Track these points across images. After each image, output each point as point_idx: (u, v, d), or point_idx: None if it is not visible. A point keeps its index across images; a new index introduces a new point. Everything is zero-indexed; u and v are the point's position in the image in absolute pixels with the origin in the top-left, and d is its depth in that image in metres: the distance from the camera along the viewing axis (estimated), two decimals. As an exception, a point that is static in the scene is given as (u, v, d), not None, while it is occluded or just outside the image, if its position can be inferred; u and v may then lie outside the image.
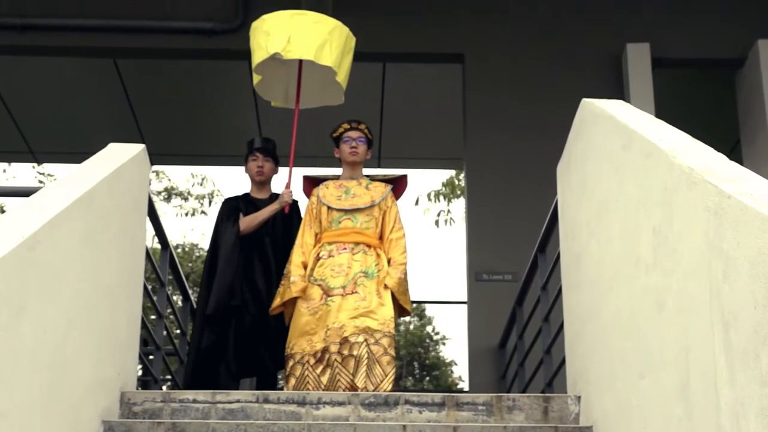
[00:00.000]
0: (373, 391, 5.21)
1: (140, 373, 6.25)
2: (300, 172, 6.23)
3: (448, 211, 17.61)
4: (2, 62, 9.87)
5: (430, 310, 25.54)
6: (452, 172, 16.87)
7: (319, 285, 5.65)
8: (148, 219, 5.33)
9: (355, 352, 5.37)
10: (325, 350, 5.46)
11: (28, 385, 3.27)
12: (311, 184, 6.16)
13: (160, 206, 20.10)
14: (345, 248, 5.74)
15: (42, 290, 3.37)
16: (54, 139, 11.56)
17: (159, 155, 10.99)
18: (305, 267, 5.78)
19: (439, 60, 9.55)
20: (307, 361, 5.50)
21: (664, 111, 7.04)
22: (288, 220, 6.25)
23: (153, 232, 6.39)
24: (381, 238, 5.87)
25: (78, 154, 6.77)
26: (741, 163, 5.47)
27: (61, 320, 3.59)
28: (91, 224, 3.99)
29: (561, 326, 5.22)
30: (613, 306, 3.84)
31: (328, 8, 8.62)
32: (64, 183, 4.02)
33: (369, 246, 5.78)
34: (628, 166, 3.69)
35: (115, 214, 4.41)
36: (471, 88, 9.19)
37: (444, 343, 26.14)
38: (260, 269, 6.16)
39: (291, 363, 5.55)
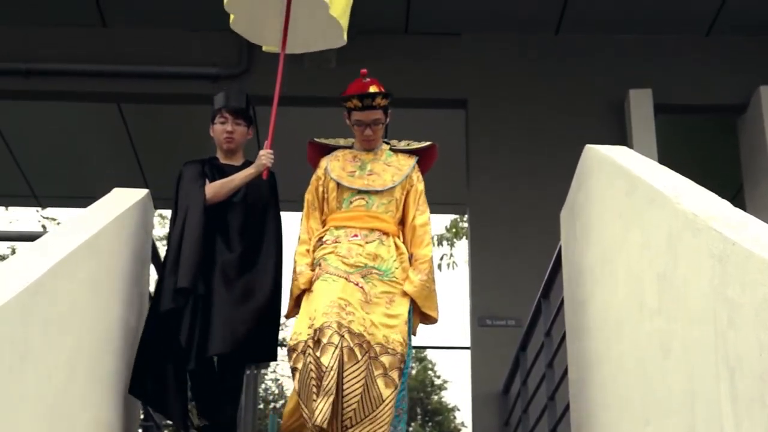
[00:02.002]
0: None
1: (142, 417, 6.20)
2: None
3: (451, 255, 17.57)
4: (6, 107, 9.91)
5: (432, 355, 25.45)
6: (455, 216, 16.87)
7: (319, 265, 4.68)
8: (151, 264, 5.33)
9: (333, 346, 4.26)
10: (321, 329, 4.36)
11: (30, 431, 3.25)
12: (319, 152, 5.10)
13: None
14: (356, 235, 4.73)
15: (45, 335, 3.36)
16: (57, 183, 11.59)
17: (163, 200, 10.99)
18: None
19: (442, 105, 9.58)
20: (308, 346, 4.38)
21: (667, 157, 7.05)
22: (258, 188, 5.07)
23: (156, 277, 6.36)
24: (402, 222, 4.88)
25: (82, 199, 6.76)
26: (744, 208, 5.46)
27: (64, 365, 3.58)
28: (95, 269, 3.99)
29: (565, 372, 5.20)
30: (617, 352, 3.82)
31: (332, 57, 8.67)
32: (68, 228, 4.02)
33: (386, 234, 4.76)
34: (631, 212, 3.70)
35: (119, 260, 4.41)
36: (474, 133, 9.21)
37: (446, 388, 26.02)
38: (223, 251, 4.86)
39: (294, 355, 4.45)
